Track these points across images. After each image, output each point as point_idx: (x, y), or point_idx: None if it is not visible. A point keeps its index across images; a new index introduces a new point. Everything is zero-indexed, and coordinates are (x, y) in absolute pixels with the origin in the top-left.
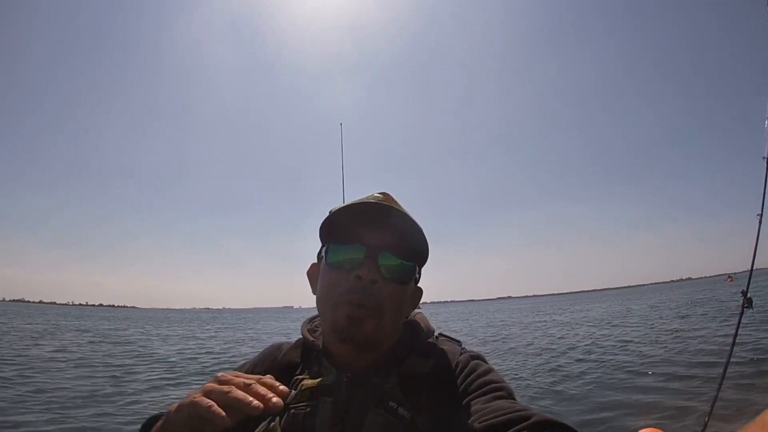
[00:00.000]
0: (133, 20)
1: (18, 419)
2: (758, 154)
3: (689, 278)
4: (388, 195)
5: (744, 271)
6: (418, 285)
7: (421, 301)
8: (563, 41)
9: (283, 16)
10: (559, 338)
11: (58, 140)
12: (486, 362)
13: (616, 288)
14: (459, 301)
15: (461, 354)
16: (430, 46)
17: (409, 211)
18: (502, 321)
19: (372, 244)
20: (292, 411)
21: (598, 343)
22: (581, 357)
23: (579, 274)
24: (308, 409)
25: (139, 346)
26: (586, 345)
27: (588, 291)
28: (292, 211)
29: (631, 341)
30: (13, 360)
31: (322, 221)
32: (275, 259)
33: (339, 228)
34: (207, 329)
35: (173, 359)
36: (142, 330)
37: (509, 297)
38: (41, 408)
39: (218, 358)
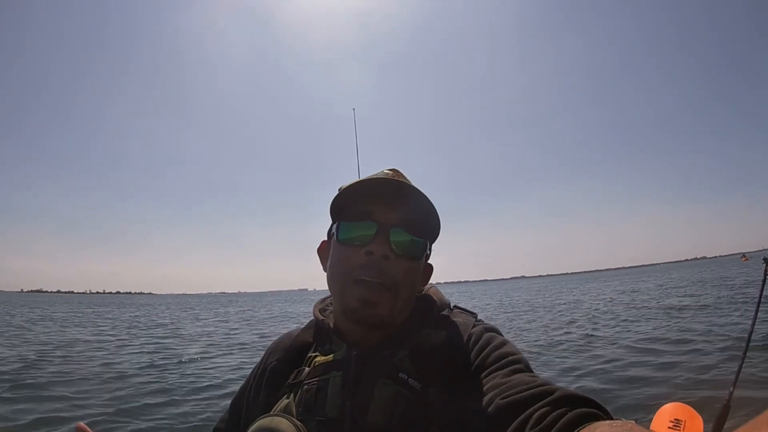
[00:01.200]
0: (148, 8)
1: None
2: None
3: (704, 257)
4: (397, 171)
5: (759, 250)
6: (429, 262)
7: (432, 279)
8: (584, 13)
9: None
10: (574, 315)
11: (71, 127)
12: (501, 334)
13: (630, 267)
14: (472, 281)
15: (475, 326)
16: (453, 24)
17: (420, 187)
18: (512, 300)
19: (383, 221)
20: (305, 386)
21: (608, 319)
22: (594, 333)
23: (592, 254)
24: (320, 383)
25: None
26: (602, 320)
27: (602, 270)
28: (304, 193)
29: (641, 318)
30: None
31: (332, 199)
32: (289, 241)
33: (349, 205)
34: (240, 310)
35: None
36: (185, 314)
37: (523, 277)
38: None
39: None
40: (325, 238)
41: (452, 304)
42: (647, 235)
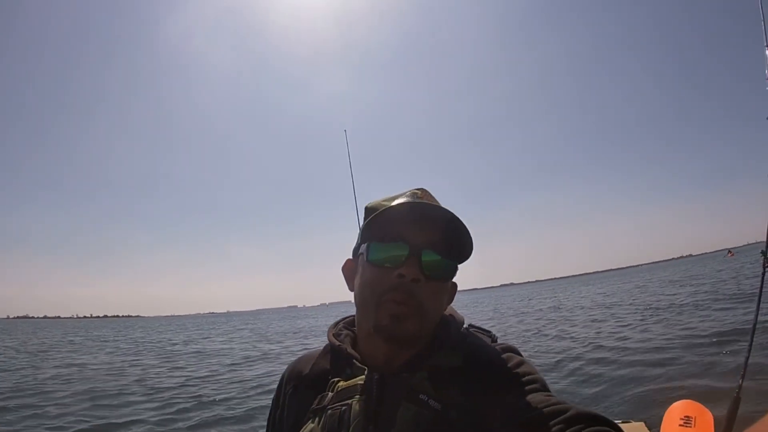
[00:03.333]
0: (126, 26)
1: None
2: (761, 115)
3: (690, 255)
4: (426, 191)
5: (745, 245)
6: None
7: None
8: (559, 15)
9: (272, 13)
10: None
11: (51, 148)
12: (519, 354)
13: (617, 269)
14: (461, 291)
15: (493, 346)
16: (433, 31)
17: (449, 207)
18: (509, 307)
19: (415, 243)
20: (329, 411)
21: (605, 320)
22: (598, 337)
23: (576, 258)
24: (343, 408)
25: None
26: (596, 324)
27: (590, 273)
28: (291, 208)
29: (644, 319)
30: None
31: (365, 219)
32: (275, 259)
33: (381, 225)
34: (241, 328)
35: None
36: (190, 335)
37: (511, 284)
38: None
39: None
40: (350, 257)
41: (467, 323)
42: (633, 237)
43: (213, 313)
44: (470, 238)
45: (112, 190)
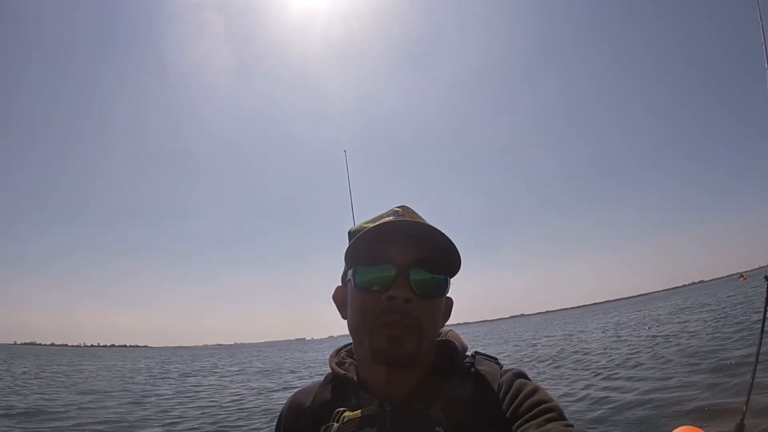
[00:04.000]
0: (140, 50)
1: None
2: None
3: (701, 281)
4: (407, 208)
5: (756, 269)
6: (448, 295)
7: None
8: (557, 48)
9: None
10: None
11: (60, 179)
12: (530, 380)
13: (628, 297)
14: (473, 323)
15: (502, 374)
16: (428, 53)
17: (433, 222)
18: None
19: (401, 262)
20: None
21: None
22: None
23: (586, 288)
24: None
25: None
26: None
27: (599, 303)
28: (298, 241)
29: (653, 345)
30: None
31: (348, 245)
32: (283, 291)
33: (364, 249)
34: (266, 358)
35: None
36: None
37: (522, 315)
38: None
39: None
40: (340, 284)
41: (471, 351)
42: (644, 265)
43: (221, 344)
44: (456, 250)
45: (124, 223)
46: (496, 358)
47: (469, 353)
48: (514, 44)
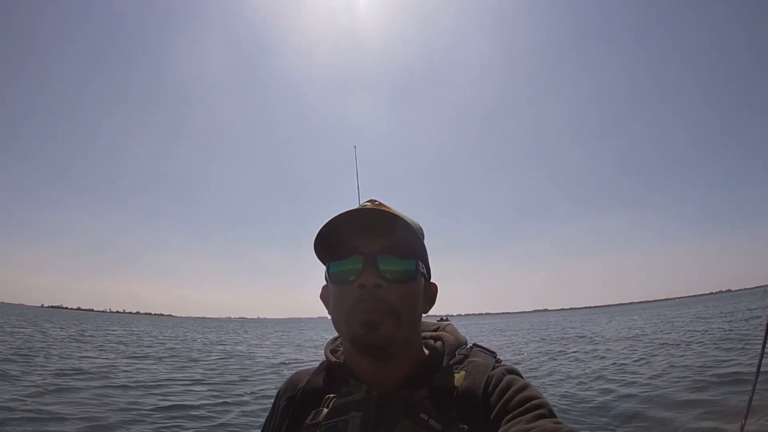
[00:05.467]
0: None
1: None
2: None
3: (729, 290)
4: (376, 201)
5: None
6: (431, 281)
7: (453, 313)
8: (588, 47)
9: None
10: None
11: (91, 149)
12: (521, 377)
13: (654, 301)
14: (494, 314)
15: (495, 367)
16: (455, 55)
17: (403, 212)
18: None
19: (368, 251)
20: (324, 427)
21: (626, 353)
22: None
23: (615, 287)
24: (339, 424)
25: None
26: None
27: (625, 304)
28: (322, 219)
29: (656, 355)
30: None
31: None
32: (307, 268)
33: (334, 244)
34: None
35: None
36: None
37: (545, 310)
38: None
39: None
40: (325, 283)
41: (470, 343)
42: (673, 268)
43: (244, 318)
44: (417, 235)
45: (150, 193)
46: (494, 352)
47: (468, 345)
48: (544, 38)
